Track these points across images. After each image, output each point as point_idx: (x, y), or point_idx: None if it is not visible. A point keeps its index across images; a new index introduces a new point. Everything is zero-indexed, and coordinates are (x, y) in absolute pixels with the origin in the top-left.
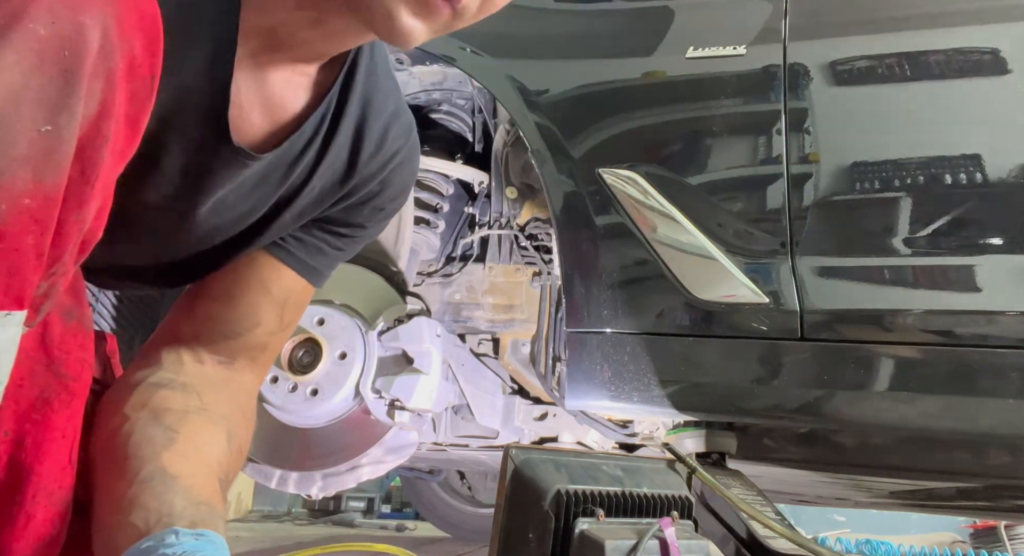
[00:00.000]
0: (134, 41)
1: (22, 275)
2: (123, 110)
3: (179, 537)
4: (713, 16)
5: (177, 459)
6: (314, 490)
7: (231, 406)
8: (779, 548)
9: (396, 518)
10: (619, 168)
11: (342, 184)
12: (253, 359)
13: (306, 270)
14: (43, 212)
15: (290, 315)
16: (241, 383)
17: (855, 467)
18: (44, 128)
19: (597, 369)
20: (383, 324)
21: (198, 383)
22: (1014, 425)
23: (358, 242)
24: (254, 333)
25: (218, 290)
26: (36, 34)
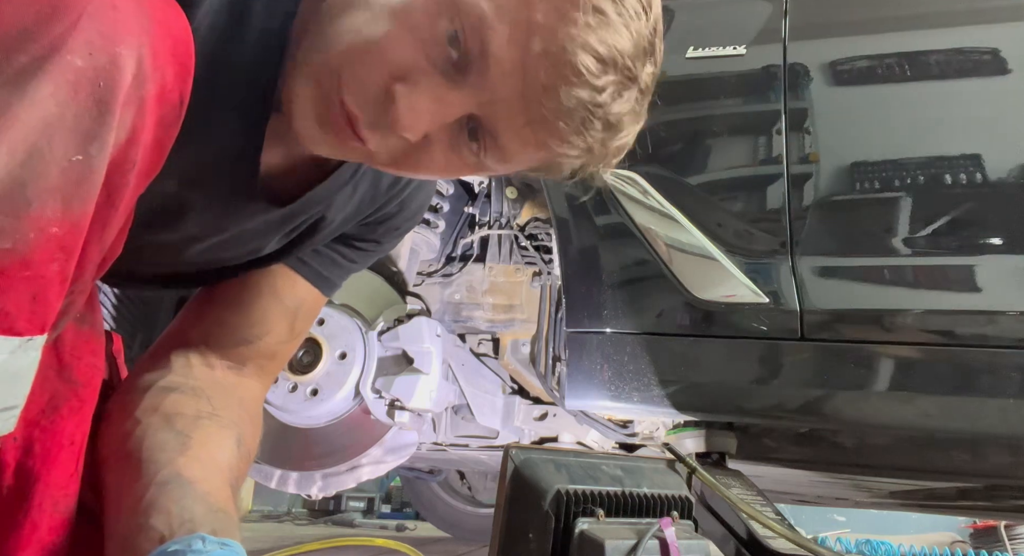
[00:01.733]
0: (167, 68)
1: (46, 301)
2: (151, 135)
3: (206, 544)
4: (713, 16)
5: (191, 464)
6: (314, 490)
7: (240, 411)
8: (779, 548)
9: (396, 518)
10: (619, 168)
11: (363, 210)
12: (262, 366)
13: (320, 281)
14: (70, 240)
15: (301, 325)
16: (249, 389)
17: (855, 467)
18: (75, 158)
19: (597, 369)
20: (383, 324)
21: (208, 387)
22: (1014, 425)
23: (372, 256)
24: (264, 341)
25: (231, 296)
26: (73, 65)
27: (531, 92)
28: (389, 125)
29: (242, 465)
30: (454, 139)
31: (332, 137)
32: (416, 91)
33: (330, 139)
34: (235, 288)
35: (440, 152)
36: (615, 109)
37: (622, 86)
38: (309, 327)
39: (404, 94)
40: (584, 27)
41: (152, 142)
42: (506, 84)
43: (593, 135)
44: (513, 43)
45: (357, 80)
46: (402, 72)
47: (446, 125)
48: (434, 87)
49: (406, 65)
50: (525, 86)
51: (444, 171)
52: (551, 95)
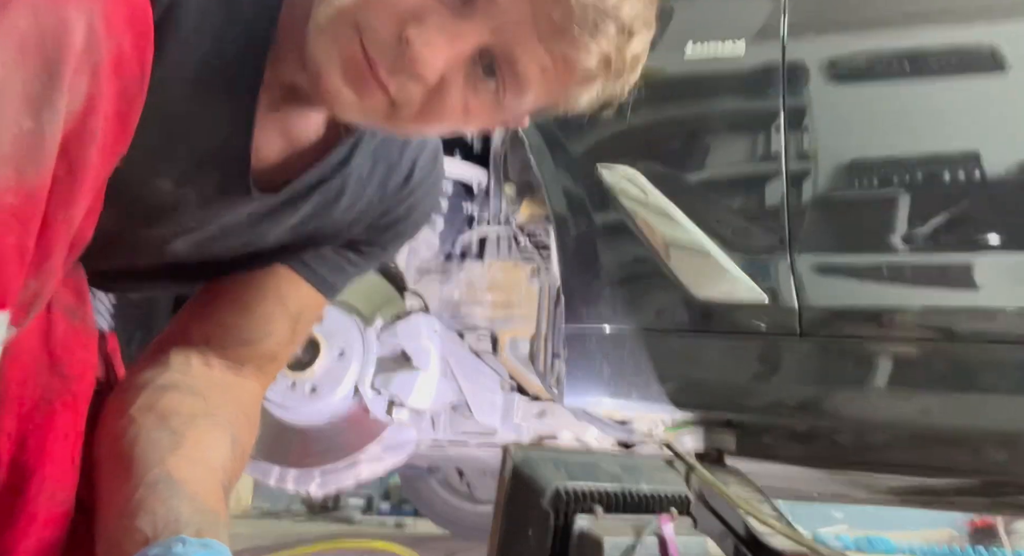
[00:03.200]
0: (123, 37)
1: (5, 275)
2: (112, 107)
3: (185, 545)
4: (712, 13)
5: (183, 464)
6: (313, 487)
7: (236, 411)
8: (777, 545)
9: (395, 515)
10: (618, 165)
11: (371, 212)
12: (261, 367)
13: (324, 286)
14: (26, 211)
15: (302, 327)
16: (247, 389)
17: (854, 464)
18: (26, 124)
19: (596, 366)
20: (382, 321)
21: (205, 386)
22: (1013, 421)
23: (375, 261)
24: (265, 343)
25: (233, 296)
26: (17, 27)
27: (540, 7)
28: (407, 66)
29: (236, 465)
30: (470, 77)
31: (360, 89)
32: (429, 29)
33: (358, 92)
34: (238, 288)
35: (458, 94)
36: (626, 11)
37: None
38: (310, 330)
39: (418, 34)
40: None
41: (114, 115)
42: (515, 5)
43: (608, 40)
44: None
45: (372, 28)
46: (413, 14)
47: (461, 63)
48: (445, 22)
49: (415, 7)
50: (533, 4)
51: (464, 115)
52: (561, 4)
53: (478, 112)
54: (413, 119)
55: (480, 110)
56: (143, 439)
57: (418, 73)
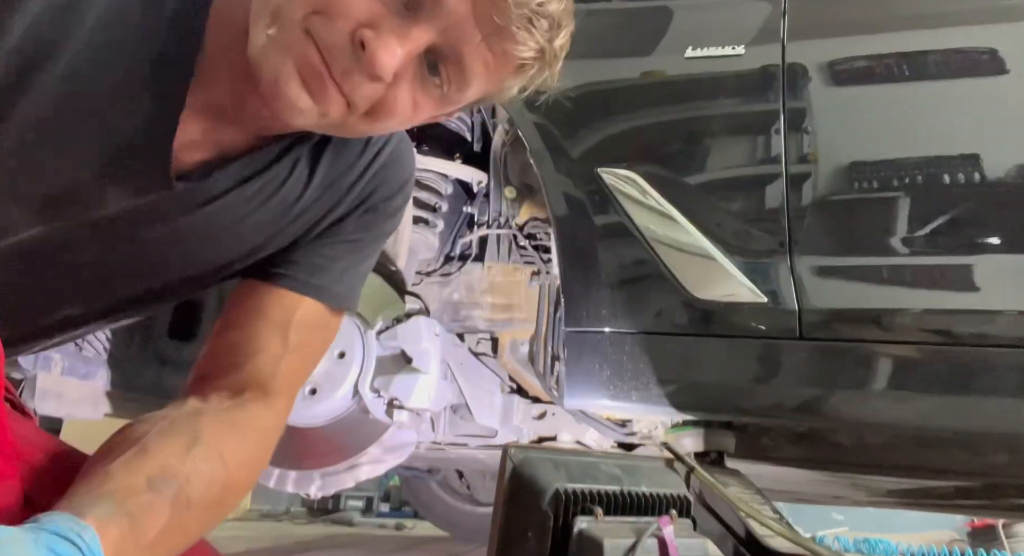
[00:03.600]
0: None
1: None
2: None
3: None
4: (712, 16)
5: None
6: (313, 489)
7: (222, 429)
8: (777, 547)
9: (395, 517)
10: (618, 168)
11: (331, 197)
12: (262, 389)
13: (307, 288)
14: None
15: (298, 336)
16: (246, 412)
17: (853, 466)
18: None
19: (596, 368)
20: (382, 323)
21: (183, 415)
22: (1012, 424)
23: (364, 248)
24: (257, 360)
25: (224, 326)
26: None
27: (480, 8)
28: (365, 68)
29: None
30: (417, 75)
31: (317, 95)
32: (383, 32)
33: (316, 98)
34: (228, 317)
35: (407, 90)
36: (553, 7)
37: None
38: (315, 339)
39: (373, 37)
40: None
41: None
42: (459, 6)
43: (542, 35)
44: None
45: (324, 34)
46: (365, 19)
47: (411, 61)
48: (396, 25)
49: (367, 13)
50: (474, 5)
51: (413, 111)
52: (499, 5)
53: (425, 107)
54: (365, 117)
55: (427, 105)
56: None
57: (376, 74)
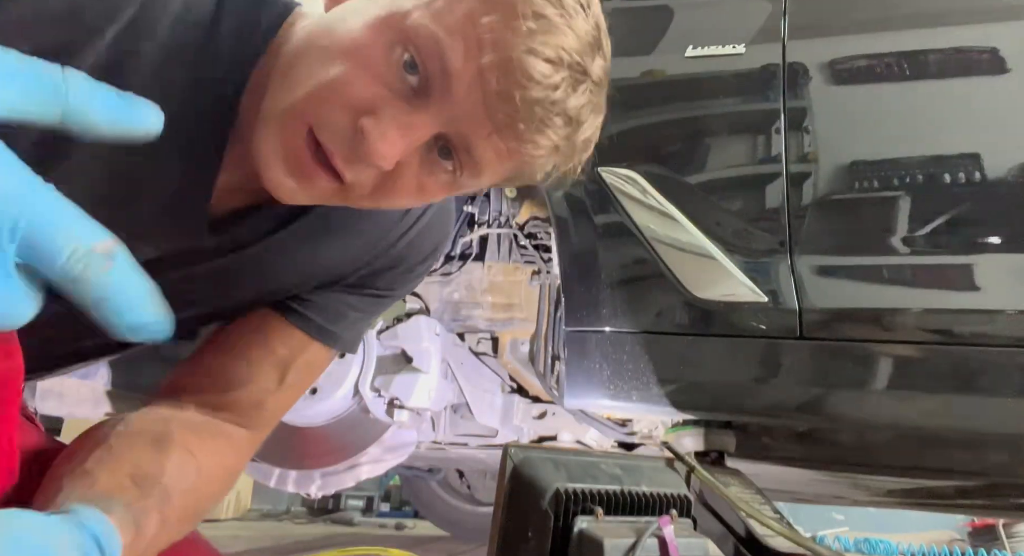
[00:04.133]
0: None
1: None
2: None
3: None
4: (712, 15)
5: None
6: (313, 489)
7: (184, 430)
8: (777, 546)
9: (395, 517)
10: (618, 167)
11: (365, 254)
12: (243, 417)
13: (321, 333)
14: None
15: (296, 376)
16: (219, 425)
17: (854, 465)
18: None
19: (596, 368)
20: (382, 323)
21: (149, 417)
22: (1012, 424)
23: (386, 304)
24: (247, 389)
25: (222, 344)
26: None
27: (491, 101)
28: (363, 157)
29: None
30: (425, 160)
31: (303, 180)
32: (384, 121)
33: (302, 182)
34: (229, 335)
35: (412, 176)
36: (571, 104)
37: (575, 82)
38: (309, 379)
39: (373, 126)
40: (528, 34)
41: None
42: (468, 98)
43: (556, 132)
44: (468, 58)
45: (324, 119)
46: (367, 106)
47: (417, 148)
48: (400, 114)
49: (369, 99)
50: (485, 96)
51: (419, 194)
52: (509, 101)
53: (433, 190)
54: (366, 199)
55: (435, 189)
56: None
57: (375, 164)
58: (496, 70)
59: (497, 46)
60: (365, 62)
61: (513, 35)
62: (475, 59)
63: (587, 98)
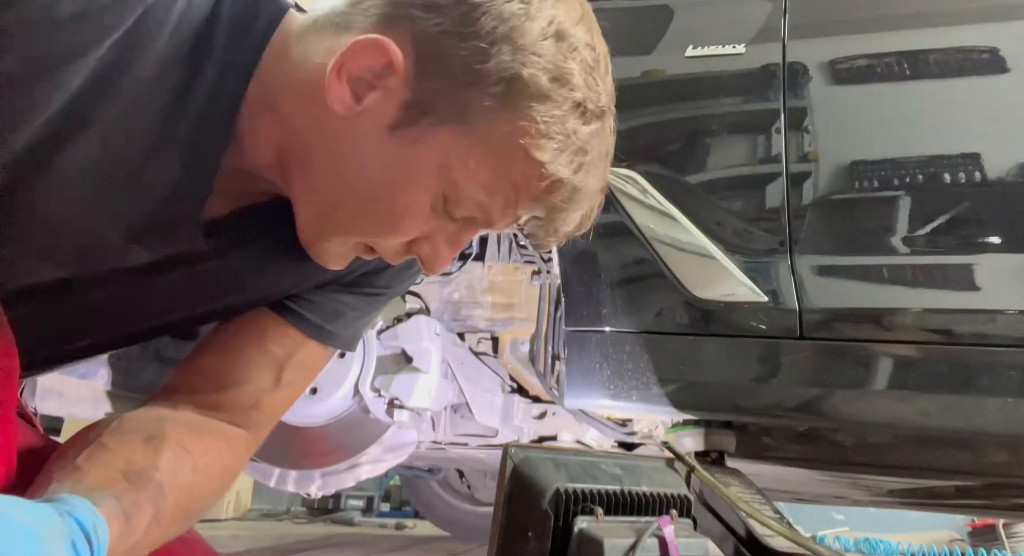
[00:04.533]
0: None
1: None
2: None
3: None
4: (712, 15)
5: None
6: (313, 489)
7: (177, 427)
8: (778, 546)
9: (395, 517)
10: (618, 167)
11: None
12: (240, 416)
13: (317, 332)
14: None
15: (292, 375)
16: (215, 424)
17: (854, 465)
18: None
19: (596, 368)
20: (382, 323)
21: (143, 415)
22: (1013, 423)
23: (384, 301)
24: (243, 389)
25: (218, 343)
26: None
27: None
28: (419, 270)
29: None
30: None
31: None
32: (434, 243)
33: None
34: (224, 335)
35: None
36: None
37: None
38: (307, 379)
39: (430, 252)
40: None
41: None
42: (504, 223)
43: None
44: (507, 209)
45: (382, 245)
46: (421, 236)
47: None
48: (449, 235)
49: (424, 231)
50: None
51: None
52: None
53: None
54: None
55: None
56: None
57: (428, 274)
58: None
59: (532, 207)
60: (416, 208)
61: (550, 195)
62: (513, 209)
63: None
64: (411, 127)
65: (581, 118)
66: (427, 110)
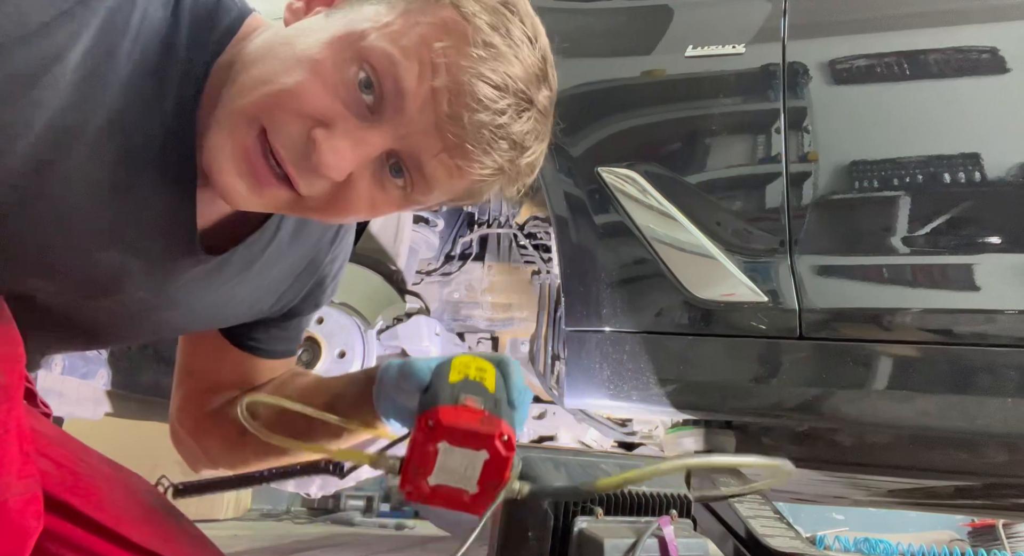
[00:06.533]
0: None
1: None
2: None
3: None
4: (712, 15)
5: None
6: (313, 489)
7: None
8: (778, 547)
9: (395, 517)
10: (618, 167)
11: (301, 272)
12: None
13: (284, 354)
14: None
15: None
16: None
17: (853, 465)
18: None
19: (596, 368)
20: (382, 323)
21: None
22: (1012, 423)
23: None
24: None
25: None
26: None
27: (442, 121)
28: (314, 167)
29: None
30: (377, 176)
31: (256, 185)
32: (335, 135)
33: (254, 187)
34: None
35: (365, 190)
36: (516, 129)
37: (520, 108)
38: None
39: (324, 138)
40: (478, 60)
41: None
42: (420, 117)
43: (501, 155)
44: (422, 79)
45: (279, 124)
46: (321, 118)
47: (368, 163)
48: (352, 130)
49: (324, 111)
50: (436, 116)
51: (370, 209)
52: (458, 122)
53: (384, 206)
54: (318, 211)
55: (386, 204)
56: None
57: (325, 175)
58: (447, 92)
59: (449, 70)
60: (323, 76)
61: (464, 61)
62: (428, 81)
63: (532, 125)
64: None
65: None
66: None
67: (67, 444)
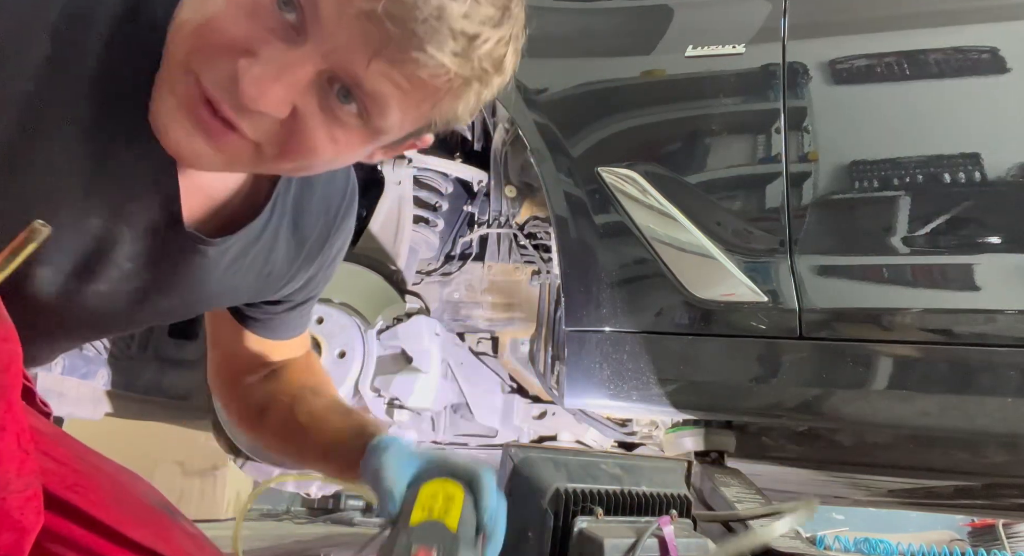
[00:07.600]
0: None
1: None
2: None
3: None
4: (712, 15)
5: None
6: (313, 489)
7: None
8: (778, 546)
9: None
10: (618, 167)
11: (297, 261)
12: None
13: (295, 333)
14: None
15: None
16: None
17: (853, 465)
18: None
19: (596, 368)
20: (382, 323)
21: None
22: (1012, 423)
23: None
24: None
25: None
26: None
27: (368, 30)
28: (244, 104)
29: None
30: (326, 105)
31: (209, 137)
32: (258, 62)
33: (208, 141)
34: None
35: (317, 124)
36: (453, 11)
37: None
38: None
39: (246, 68)
40: None
41: None
42: (339, 25)
43: (441, 47)
44: None
45: (207, 65)
46: (244, 47)
47: (310, 91)
48: (275, 53)
49: (245, 38)
50: (354, 18)
51: (334, 144)
52: (377, 20)
53: (348, 140)
54: (279, 158)
55: (348, 138)
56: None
57: (255, 109)
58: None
59: None
60: (239, 2)
61: None
62: None
63: (472, 6)
64: None
65: None
66: None
67: (67, 443)
